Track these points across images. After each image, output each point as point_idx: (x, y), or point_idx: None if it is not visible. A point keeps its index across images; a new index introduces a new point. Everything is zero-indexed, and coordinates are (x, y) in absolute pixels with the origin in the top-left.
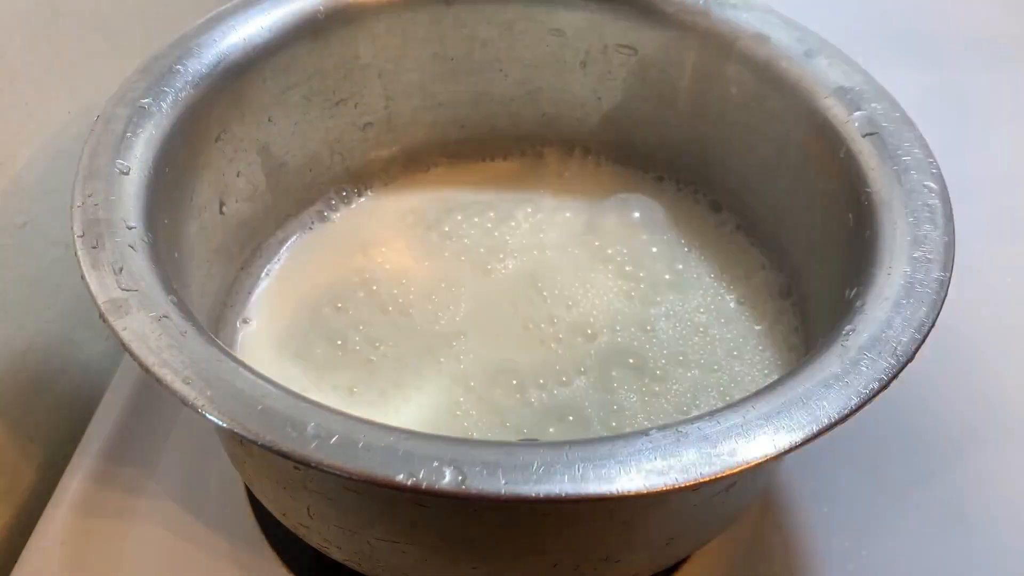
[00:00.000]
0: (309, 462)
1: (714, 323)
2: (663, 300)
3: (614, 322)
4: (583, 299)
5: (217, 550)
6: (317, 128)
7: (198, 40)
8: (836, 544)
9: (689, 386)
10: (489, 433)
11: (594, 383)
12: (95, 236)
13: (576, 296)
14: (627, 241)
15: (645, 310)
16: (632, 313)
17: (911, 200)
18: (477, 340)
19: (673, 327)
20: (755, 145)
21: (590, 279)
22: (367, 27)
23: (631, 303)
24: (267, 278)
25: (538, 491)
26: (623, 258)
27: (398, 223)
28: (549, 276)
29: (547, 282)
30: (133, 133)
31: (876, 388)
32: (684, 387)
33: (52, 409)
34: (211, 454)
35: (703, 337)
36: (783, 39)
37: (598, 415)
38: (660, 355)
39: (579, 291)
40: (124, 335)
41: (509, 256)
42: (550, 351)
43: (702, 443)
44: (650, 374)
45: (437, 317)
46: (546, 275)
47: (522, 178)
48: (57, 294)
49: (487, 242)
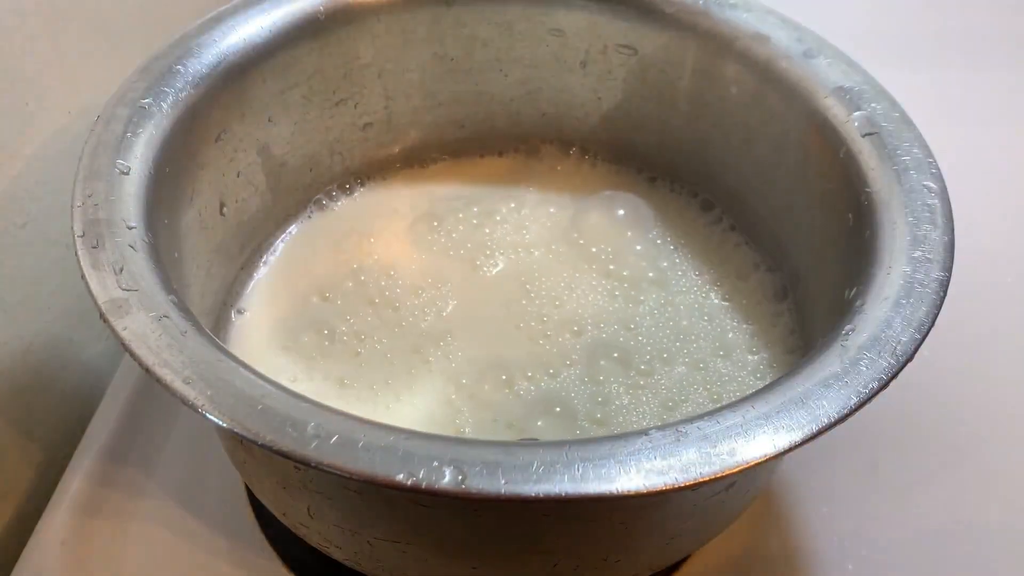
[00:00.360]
0: (309, 462)
1: (698, 322)
2: (646, 298)
3: (599, 319)
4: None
5: (217, 550)
6: (317, 128)
7: (198, 40)
8: (836, 544)
9: (675, 382)
10: (478, 425)
11: (581, 376)
12: (95, 236)
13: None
14: (612, 239)
15: (628, 307)
16: (615, 310)
17: (911, 200)
18: (465, 335)
19: (656, 324)
20: (755, 145)
21: (575, 278)
22: (367, 27)
23: (614, 300)
24: (264, 267)
25: (538, 491)
26: (607, 256)
27: (394, 217)
28: (538, 273)
29: (534, 279)
30: (133, 133)
31: (876, 388)
32: (671, 382)
33: (52, 409)
34: (211, 454)
35: (687, 335)
36: (783, 39)
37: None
38: (644, 351)
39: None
40: (124, 335)
41: (502, 252)
42: (537, 346)
43: (702, 443)
44: (635, 368)
45: (425, 312)
46: (535, 272)
47: (517, 175)
48: (57, 294)
49: (484, 239)
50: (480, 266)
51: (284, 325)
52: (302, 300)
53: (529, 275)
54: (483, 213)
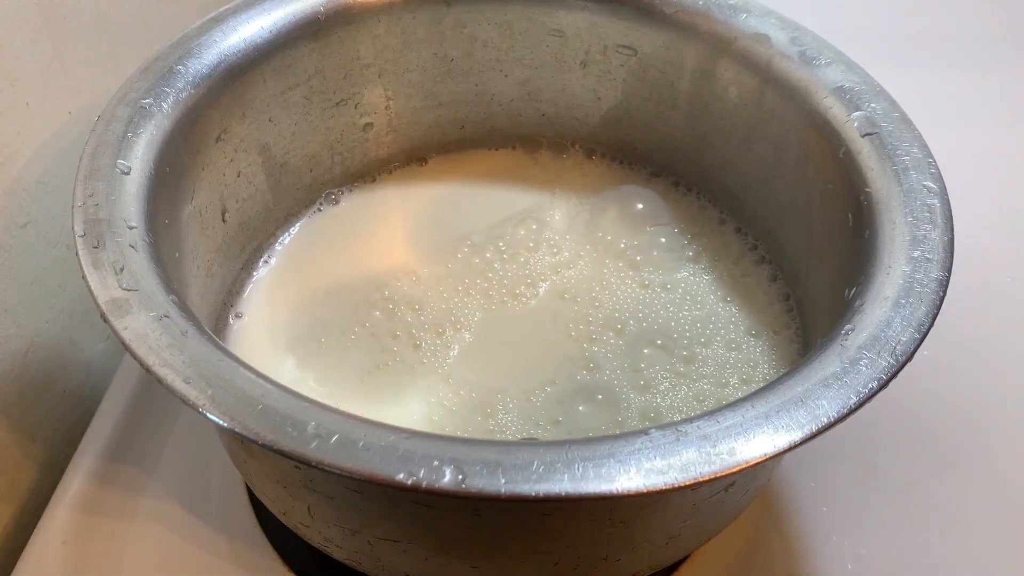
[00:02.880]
0: (309, 461)
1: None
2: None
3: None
4: (603, 293)
5: (218, 549)
6: (317, 128)
7: (199, 40)
8: (836, 544)
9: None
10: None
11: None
12: (96, 236)
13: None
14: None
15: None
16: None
17: (910, 200)
18: (467, 335)
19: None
20: (754, 145)
21: (604, 273)
22: (367, 27)
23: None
24: (265, 268)
25: (538, 490)
26: (633, 250)
27: (394, 217)
28: (538, 273)
29: (534, 278)
30: (134, 133)
31: (875, 387)
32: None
33: (53, 408)
34: (212, 453)
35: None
36: (782, 39)
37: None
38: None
39: (597, 284)
40: (125, 335)
41: (503, 252)
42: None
43: (701, 442)
44: (677, 356)
45: (425, 312)
46: (535, 272)
47: (518, 175)
48: (58, 294)
49: (485, 239)
50: (485, 266)
51: (284, 325)
52: (303, 300)
53: (529, 274)
54: (484, 213)
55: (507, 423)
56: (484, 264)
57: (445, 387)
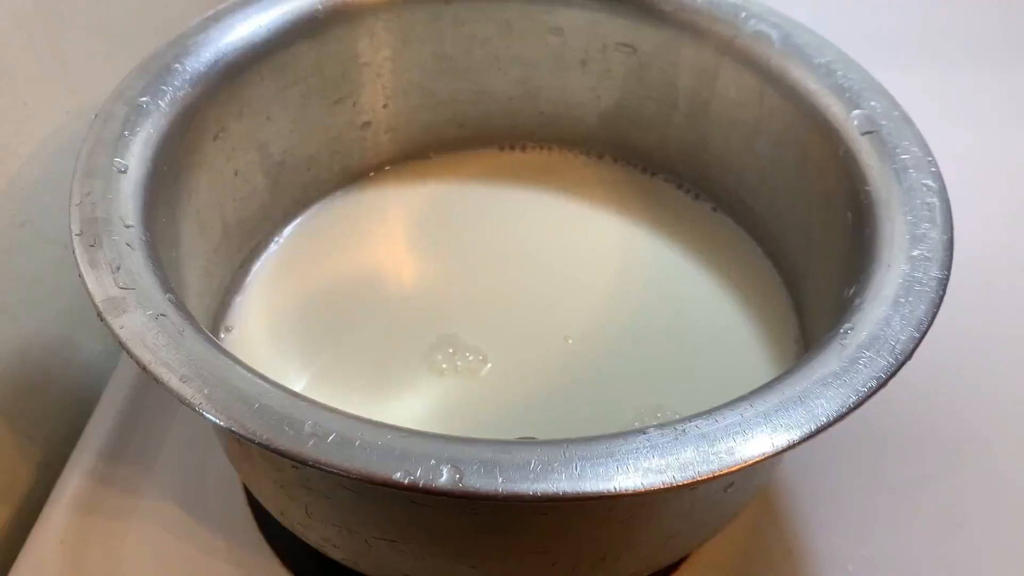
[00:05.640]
0: (306, 460)
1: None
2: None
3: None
4: (585, 293)
5: (215, 549)
6: (315, 127)
7: (196, 39)
8: (836, 544)
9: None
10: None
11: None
12: (93, 235)
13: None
14: (629, 232)
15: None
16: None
17: (910, 198)
18: (469, 336)
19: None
20: (754, 144)
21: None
22: (366, 25)
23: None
24: (263, 267)
25: (536, 489)
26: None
27: (393, 216)
28: (538, 271)
29: (535, 277)
30: (131, 132)
31: (874, 387)
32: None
33: (51, 408)
34: (209, 453)
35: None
36: (782, 38)
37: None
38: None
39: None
40: (121, 333)
41: (505, 251)
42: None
43: (700, 441)
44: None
45: (425, 312)
46: (536, 271)
47: (517, 174)
48: (56, 293)
49: (486, 239)
50: (483, 264)
51: (282, 324)
52: (301, 300)
53: (528, 271)
54: (484, 212)
55: (506, 420)
56: (482, 263)
57: (445, 386)
